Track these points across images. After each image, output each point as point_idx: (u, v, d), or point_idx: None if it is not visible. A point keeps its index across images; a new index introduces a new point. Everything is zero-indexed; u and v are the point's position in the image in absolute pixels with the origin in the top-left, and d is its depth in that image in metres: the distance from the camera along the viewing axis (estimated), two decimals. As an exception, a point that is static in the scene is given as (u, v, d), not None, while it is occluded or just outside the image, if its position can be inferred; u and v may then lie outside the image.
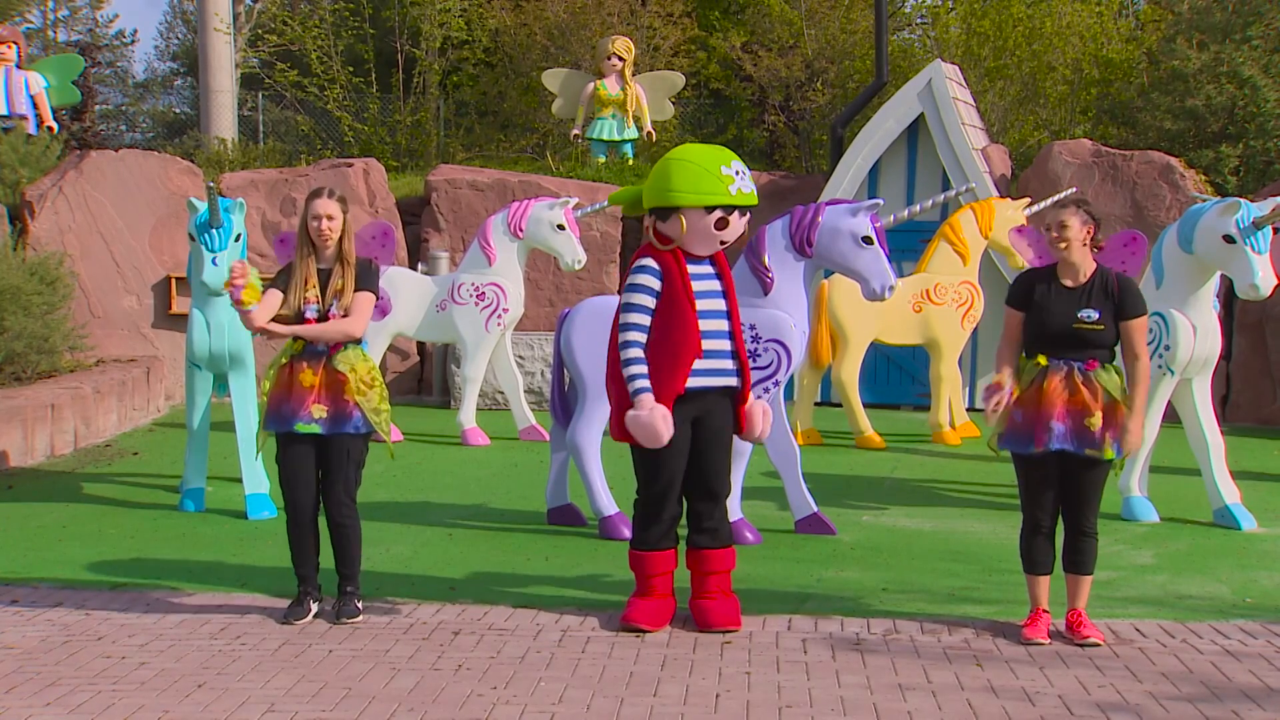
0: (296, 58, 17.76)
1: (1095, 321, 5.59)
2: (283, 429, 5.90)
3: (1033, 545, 5.74)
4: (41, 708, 4.86)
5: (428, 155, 16.67)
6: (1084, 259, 5.67)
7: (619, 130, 14.30)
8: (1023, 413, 5.63)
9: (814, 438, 10.61)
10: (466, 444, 10.50)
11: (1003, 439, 5.72)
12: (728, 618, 5.79)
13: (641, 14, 16.87)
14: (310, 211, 5.91)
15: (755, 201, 5.78)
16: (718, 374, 5.77)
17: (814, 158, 17.00)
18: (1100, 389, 5.57)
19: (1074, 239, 5.62)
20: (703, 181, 5.68)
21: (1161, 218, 12.20)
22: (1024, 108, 15.88)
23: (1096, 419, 5.53)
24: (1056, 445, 5.54)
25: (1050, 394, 5.56)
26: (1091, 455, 5.55)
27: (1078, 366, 5.59)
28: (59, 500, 8.38)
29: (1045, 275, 5.76)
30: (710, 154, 5.81)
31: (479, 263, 10.58)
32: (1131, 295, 5.66)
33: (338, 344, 5.92)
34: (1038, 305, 5.66)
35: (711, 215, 5.69)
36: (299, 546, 6.00)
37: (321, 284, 5.92)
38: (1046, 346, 5.63)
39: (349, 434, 5.92)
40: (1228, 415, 11.88)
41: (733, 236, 5.80)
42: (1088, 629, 5.67)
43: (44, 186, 12.41)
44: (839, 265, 7.27)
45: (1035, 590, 5.78)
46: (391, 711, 4.83)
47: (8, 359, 10.62)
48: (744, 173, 5.78)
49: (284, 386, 5.91)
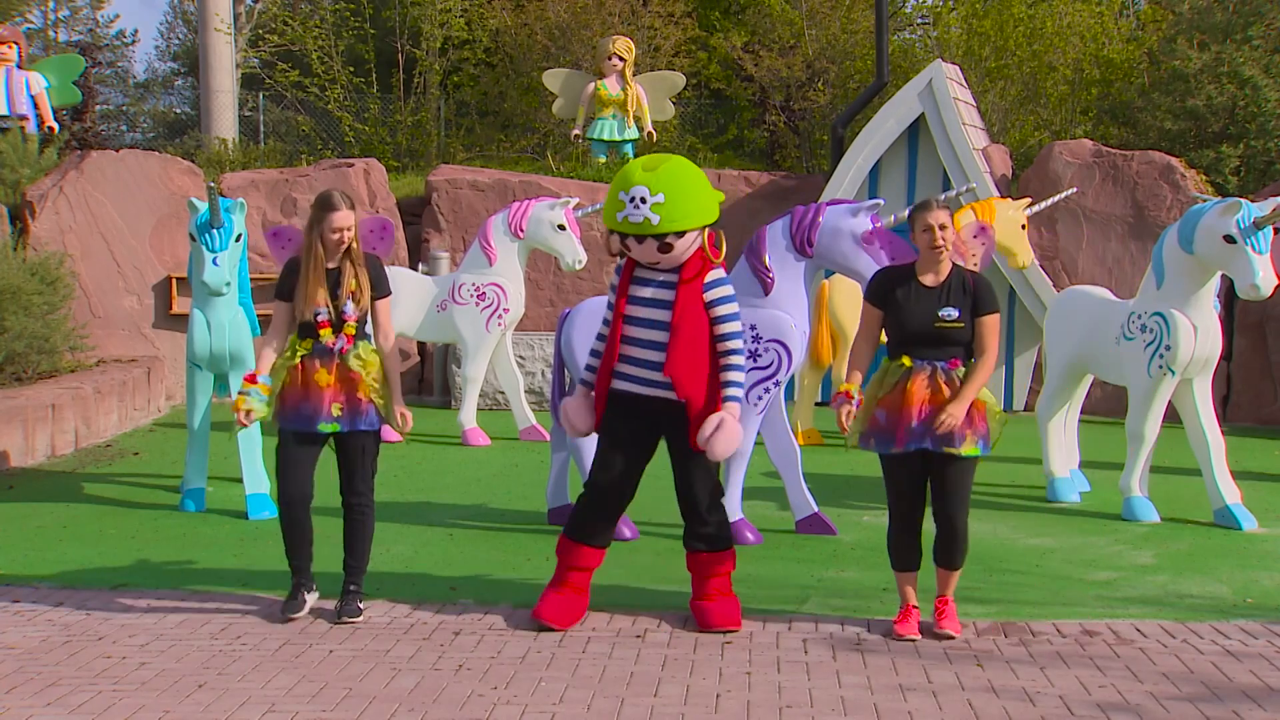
0: (297, 58, 17.76)
1: (955, 320, 5.62)
2: (305, 428, 5.92)
3: (899, 543, 5.78)
4: (42, 708, 4.86)
5: (428, 155, 16.68)
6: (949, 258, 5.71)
7: (620, 130, 14.30)
8: (885, 413, 5.64)
9: (815, 438, 10.62)
10: (467, 444, 10.50)
11: (864, 438, 5.73)
12: (727, 618, 5.80)
13: (642, 14, 16.87)
14: (329, 225, 5.86)
15: (644, 230, 5.56)
16: (641, 383, 5.74)
17: (815, 158, 17.00)
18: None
19: (951, 238, 5.64)
20: (609, 203, 5.74)
21: (1162, 218, 12.21)
22: (1025, 108, 15.88)
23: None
24: (915, 445, 5.57)
25: (913, 394, 5.58)
26: (950, 453, 5.57)
27: (940, 366, 5.61)
28: (60, 500, 8.39)
29: (904, 274, 5.76)
30: (622, 177, 5.72)
31: (480, 263, 10.58)
32: (987, 292, 5.71)
33: (350, 340, 5.93)
34: (899, 305, 5.67)
35: (614, 235, 5.73)
36: (292, 538, 6.02)
37: (331, 283, 5.94)
38: (909, 346, 5.65)
39: (364, 430, 5.96)
40: (1228, 415, 11.88)
41: (645, 259, 5.70)
42: (947, 620, 5.72)
43: (45, 186, 12.41)
44: (840, 265, 7.27)
45: (904, 587, 5.82)
46: (392, 711, 4.83)
47: (8, 359, 10.62)
48: (642, 201, 5.57)
49: (299, 386, 5.92)
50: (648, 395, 5.75)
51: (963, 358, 5.67)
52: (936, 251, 5.64)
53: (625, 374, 5.77)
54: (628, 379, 5.77)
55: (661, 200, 5.58)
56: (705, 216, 5.69)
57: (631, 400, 5.77)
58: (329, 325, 5.91)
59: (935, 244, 5.62)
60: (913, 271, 5.74)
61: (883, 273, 5.90)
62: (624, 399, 5.79)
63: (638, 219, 5.59)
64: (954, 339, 5.64)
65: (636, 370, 5.74)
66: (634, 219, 5.59)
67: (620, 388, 5.79)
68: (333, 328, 5.92)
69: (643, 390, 5.75)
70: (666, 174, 5.64)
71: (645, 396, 5.75)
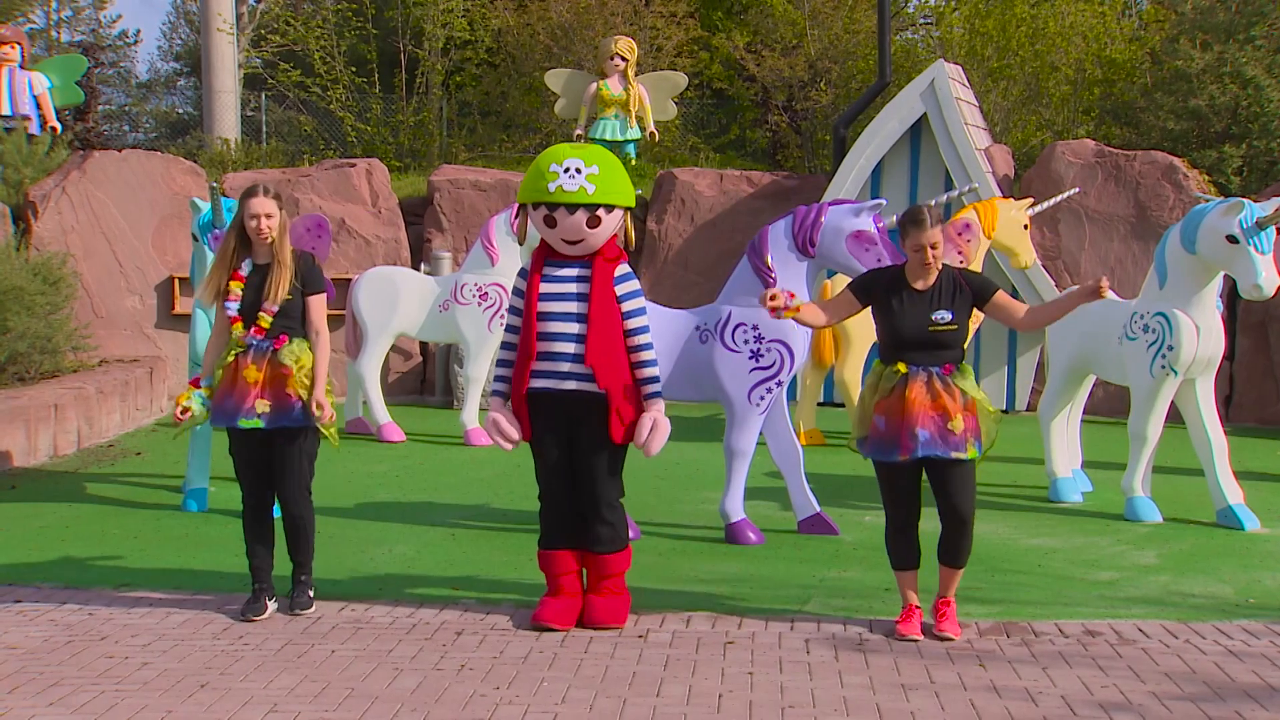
0: (299, 58, 17.77)
1: (949, 323, 5.63)
2: (227, 424, 5.96)
3: (898, 543, 5.78)
4: (45, 708, 4.86)
5: (430, 155, 16.68)
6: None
7: (622, 131, 14.29)
8: (885, 420, 5.62)
9: (816, 438, 10.61)
10: (469, 444, 10.51)
11: (865, 445, 5.72)
12: (611, 615, 5.82)
13: (645, 14, 16.87)
14: (248, 210, 5.92)
15: (578, 199, 5.61)
16: (558, 377, 5.72)
17: (817, 158, 16.99)
18: (959, 391, 5.61)
19: (941, 256, 5.65)
20: (533, 179, 5.75)
21: (1165, 218, 12.20)
22: (1027, 108, 15.87)
23: (959, 421, 5.56)
24: (923, 453, 5.56)
25: (912, 401, 5.56)
26: (958, 458, 5.57)
27: (936, 372, 5.61)
28: (62, 500, 8.39)
29: (894, 278, 5.75)
30: (551, 153, 5.79)
31: (482, 263, 10.59)
32: (982, 281, 5.76)
33: (283, 337, 5.94)
34: (892, 311, 5.67)
35: (538, 211, 5.73)
36: (251, 539, 6.05)
37: (259, 278, 5.95)
38: (904, 351, 5.65)
39: (292, 427, 5.94)
40: (1231, 415, 11.87)
41: (571, 234, 5.70)
42: (947, 622, 5.72)
43: (47, 187, 12.42)
44: (842, 265, 7.26)
45: (904, 587, 5.82)
46: (394, 712, 4.83)
47: (11, 359, 10.63)
48: (576, 171, 5.64)
49: (229, 382, 5.95)
50: (567, 390, 5.73)
51: (955, 361, 5.67)
52: (925, 268, 5.65)
53: (542, 371, 5.74)
54: (545, 376, 5.74)
55: (596, 172, 5.67)
56: (630, 199, 5.81)
57: (550, 400, 5.75)
58: (239, 320, 5.94)
59: (925, 263, 5.63)
60: (903, 276, 5.73)
61: (873, 273, 5.90)
62: (542, 399, 5.76)
63: (573, 187, 5.63)
64: (948, 342, 5.64)
65: (553, 365, 5.72)
66: (569, 187, 5.63)
67: (538, 386, 5.75)
68: (244, 323, 5.94)
69: (561, 385, 5.72)
70: (597, 152, 5.78)
71: (563, 392, 5.73)
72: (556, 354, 5.71)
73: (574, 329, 5.69)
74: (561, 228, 5.70)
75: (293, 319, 5.99)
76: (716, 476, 8.09)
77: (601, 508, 5.78)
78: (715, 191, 13.37)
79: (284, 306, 5.94)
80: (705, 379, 7.33)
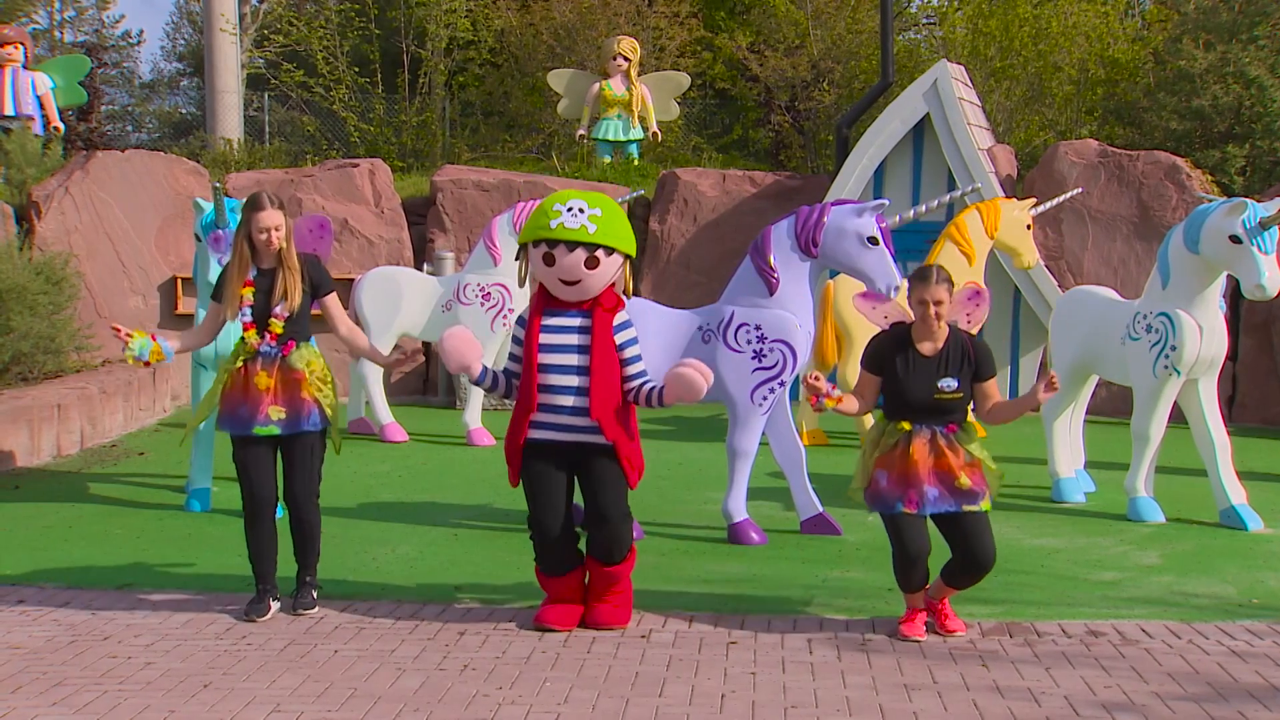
0: (302, 58, 17.78)
1: (955, 391, 5.64)
2: (241, 432, 5.94)
3: (908, 575, 5.71)
4: (48, 707, 4.87)
5: (433, 156, 16.69)
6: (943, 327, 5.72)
7: (624, 131, 14.31)
8: (888, 475, 5.63)
9: (819, 438, 10.62)
10: (472, 444, 10.51)
11: (867, 497, 5.73)
12: (616, 617, 5.85)
13: (647, 14, 16.88)
14: (256, 225, 5.91)
15: (579, 237, 5.59)
16: (562, 429, 5.68)
17: (819, 158, 16.99)
18: (962, 450, 5.63)
19: (946, 313, 5.65)
20: (536, 218, 5.73)
21: (1167, 218, 12.20)
22: (1030, 108, 15.86)
23: (964, 479, 5.58)
24: (932, 509, 5.57)
25: (916, 458, 5.58)
26: (970, 510, 5.59)
27: (940, 431, 5.63)
28: (65, 500, 8.40)
29: (901, 341, 5.74)
30: (557, 195, 5.79)
31: (484, 263, 10.59)
32: (986, 357, 5.75)
33: (291, 342, 5.94)
34: (897, 376, 5.67)
35: (538, 250, 5.69)
36: (257, 546, 6.03)
37: (266, 284, 5.96)
38: (908, 413, 5.66)
39: (308, 432, 5.95)
40: (1234, 416, 11.87)
41: (568, 275, 5.65)
42: (950, 620, 5.76)
43: (50, 187, 12.42)
44: (844, 265, 7.26)
45: (912, 600, 5.81)
46: (397, 711, 4.83)
47: (14, 359, 10.64)
48: (580, 211, 5.63)
49: (239, 389, 5.95)
50: (570, 442, 5.71)
51: (960, 423, 5.69)
52: (930, 327, 5.65)
53: (544, 423, 5.70)
54: (547, 428, 5.70)
55: (599, 214, 5.67)
56: (631, 248, 5.79)
57: (551, 447, 5.73)
58: (253, 326, 5.94)
59: (928, 319, 5.64)
60: (909, 338, 5.73)
61: (879, 339, 5.88)
62: (544, 447, 5.74)
63: (574, 225, 5.60)
64: (952, 409, 5.66)
65: (554, 417, 5.68)
66: (570, 224, 5.60)
67: (539, 438, 5.72)
68: (257, 329, 5.94)
69: (565, 437, 5.70)
70: (600, 199, 5.77)
71: (567, 443, 5.71)
72: (559, 406, 5.67)
73: (574, 381, 5.66)
74: (559, 266, 5.64)
75: (300, 324, 6.00)
76: (719, 477, 8.09)
77: (612, 519, 5.75)
78: (718, 192, 13.37)
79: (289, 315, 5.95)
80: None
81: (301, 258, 6.04)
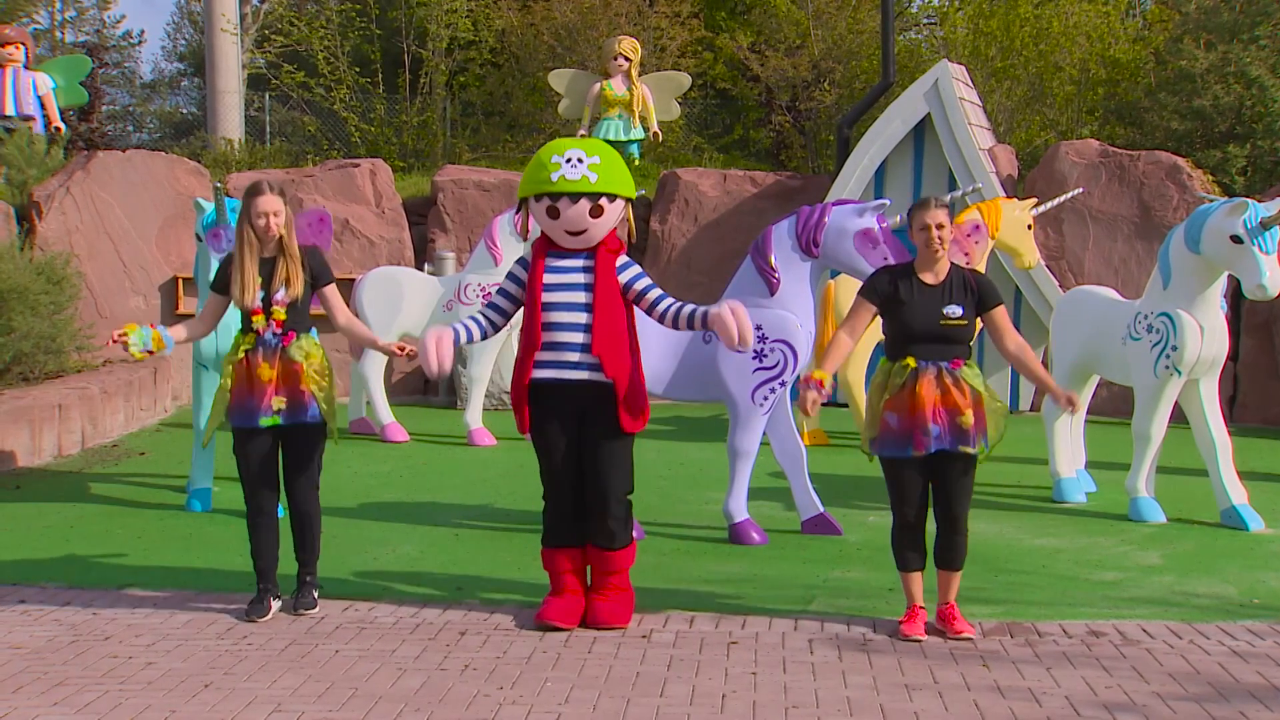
0: (303, 58, 17.78)
1: (960, 317, 5.62)
2: (247, 424, 5.95)
3: (904, 543, 5.74)
4: (49, 707, 4.87)
5: (434, 156, 16.69)
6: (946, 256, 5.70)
7: (625, 131, 14.30)
8: (897, 416, 5.59)
9: (820, 438, 10.61)
10: (473, 444, 10.51)
11: (876, 444, 5.69)
12: (617, 616, 5.82)
13: (648, 15, 16.87)
14: (254, 209, 5.94)
15: (581, 188, 5.64)
16: (565, 367, 5.72)
17: (820, 158, 16.99)
18: (968, 386, 5.60)
19: (948, 238, 5.63)
20: (534, 172, 5.77)
21: (1169, 218, 12.19)
22: (1031, 108, 15.86)
23: (968, 416, 5.55)
24: (935, 447, 5.55)
25: (923, 395, 5.55)
26: (965, 451, 5.56)
27: (945, 366, 5.60)
28: (66, 500, 8.40)
29: (904, 272, 5.74)
30: (551, 146, 5.84)
31: (485, 263, 10.59)
32: (989, 286, 5.75)
33: (292, 334, 5.95)
34: (902, 303, 5.64)
35: (540, 203, 5.74)
36: (260, 541, 6.05)
37: (266, 272, 5.97)
38: (913, 345, 5.62)
39: (308, 423, 5.97)
40: (1235, 416, 11.86)
41: (573, 226, 5.71)
42: (960, 623, 5.71)
43: (51, 187, 12.42)
44: (845, 266, 7.26)
45: (910, 587, 5.79)
46: (398, 711, 4.83)
47: (15, 359, 10.64)
48: (579, 161, 5.69)
49: (244, 381, 5.95)
50: (573, 380, 5.73)
51: (964, 356, 5.66)
52: (934, 252, 5.63)
53: (547, 361, 5.74)
54: (551, 366, 5.74)
55: (598, 162, 5.72)
56: (631, 190, 5.85)
57: (555, 390, 5.75)
58: (260, 311, 5.95)
59: (931, 243, 5.62)
60: (912, 270, 5.73)
61: (882, 270, 5.88)
62: (547, 389, 5.75)
63: (575, 176, 5.66)
64: (957, 337, 5.63)
65: (559, 355, 5.72)
66: (572, 175, 5.65)
67: (543, 376, 5.75)
68: (264, 314, 5.95)
69: (567, 375, 5.72)
70: (596, 144, 5.83)
71: (570, 382, 5.73)
72: (563, 344, 5.71)
73: (581, 319, 5.71)
74: (564, 218, 5.71)
75: (301, 314, 6.02)
76: (720, 477, 8.09)
77: (610, 502, 5.76)
78: (719, 192, 13.37)
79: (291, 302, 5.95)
80: (709, 379, 7.33)
81: (301, 248, 6.06)
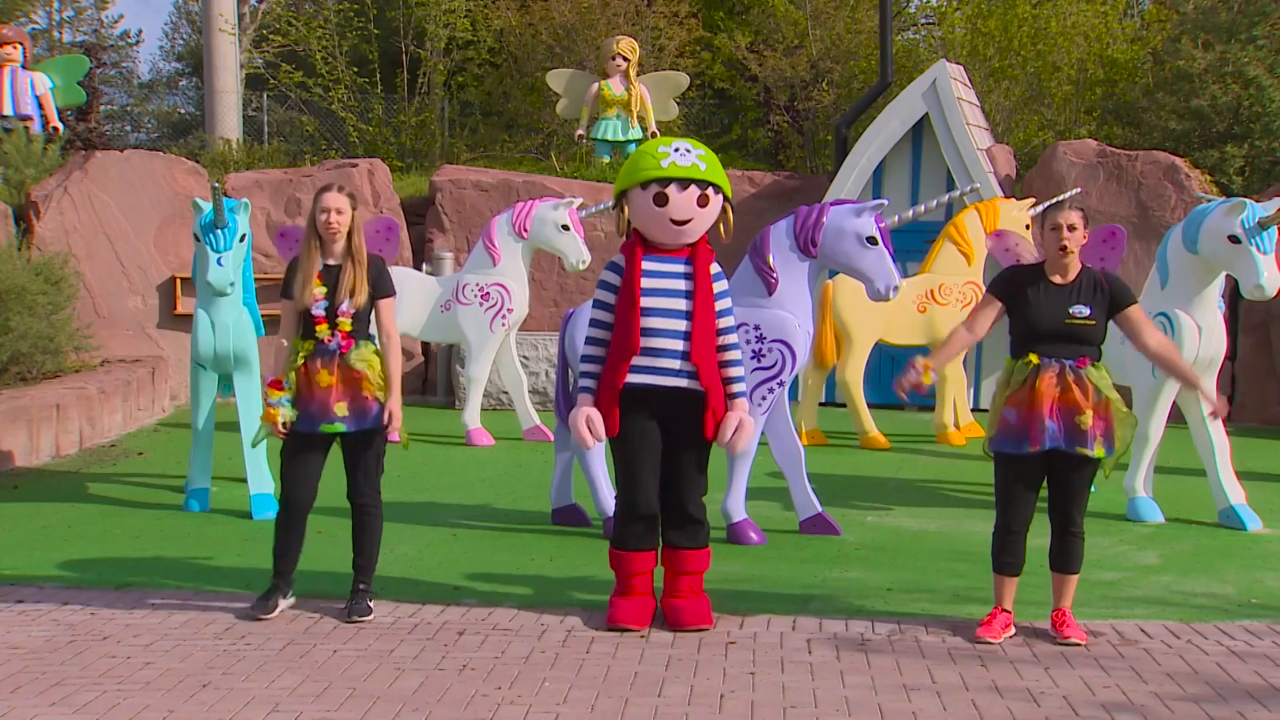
0: (301, 58, 17.78)
1: (1087, 317, 5.56)
2: (309, 429, 5.92)
3: (1005, 545, 5.68)
4: (47, 707, 4.87)
5: (432, 156, 16.70)
6: (1076, 258, 5.67)
7: (623, 131, 14.30)
8: (1016, 413, 5.56)
9: (818, 438, 10.62)
10: (471, 444, 10.51)
11: (995, 441, 5.65)
12: (700, 616, 5.79)
13: (647, 14, 16.88)
14: (319, 205, 5.91)
15: (693, 174, 5.63)
16: (662, 373, 5.68)
17: (819, 158, 16.99)
18: (1091, 387, 5.54)
19: (1079, 239, 5.60)
20: (640, 162, 5.75)
21: (1166, 218, 12.20)
22: (1029, 108, 15.87)
23: (1087, 417, 5.49)
24: (1050, 444, 5.50)
25: (1042, 392, 5.50)
26: (1082, 453, 5.52)
27: (1069, 364, 5.55)
28: (64, 500, 8.40)
29: (1033, 273, 5.71)
30: (655, 141, 5.85)
31: (483, 263, 10.59)
32: (1122, 286, 5.67)
33: (350, 341, 5.94)
34: (1028, 301, 5.60)
35: (648, 191, 5.68)
36: (285, 541, 6.02)
37: (332, 280, 5.94)
38: (1037, 344, 5.58)
39: (372, 429, 5.96)
40: (1233, 416, 11.86)
41: (681, 214, 5.66)
42: (1071, 628, 5.66)
43: (49, 187, 12.42)
44: (844, 265, 7.27)
45: (1001, 590, 5.74)
46: (396, 711, 4.83)
47: (13, 359, 10.64)
48: (687, 150, 5.70)
49: (306, 388, 5.92)
50: (665, 386, 5.69)
51: (1092, 357, 5.59)
52: (1063, 253, 5.57)
53: (644, 367, 5.69)
54: (647, 371, 5.69)
55: (704, 154, 5.75)
56: (729, 189, 5.86)
57: (645, 395, 5.71)
58: (325, 320, 5.91)
59: (1062, 244, 5.55)
60: (1041, 271, 5.68)
61: (1012, 268, 5.86)
62: (640, 395, 5.71)
63: (686, 163, 5.65)
64: (1084, 337, 5.56)
65: (656, 361, 5.68)
66: (682, 163, 5.65)
67: (638, 382, 5.69)
68: (328, 323, 5.92)
69: (661, 381, 5.68)
70: (695, 142, 5.83)
71: (662, 389, 5.69)
72: (660, 350, 5.66)
73: (681, 325, 5.66)
74: (673, 204, 5.65)
75: (361, 322, 5.99)
76: (718, 477, 8.07)
77: (689, 505, 5.77)
78: (717, 192, 13.35)
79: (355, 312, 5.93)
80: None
81: (369, 258, 6.03)
